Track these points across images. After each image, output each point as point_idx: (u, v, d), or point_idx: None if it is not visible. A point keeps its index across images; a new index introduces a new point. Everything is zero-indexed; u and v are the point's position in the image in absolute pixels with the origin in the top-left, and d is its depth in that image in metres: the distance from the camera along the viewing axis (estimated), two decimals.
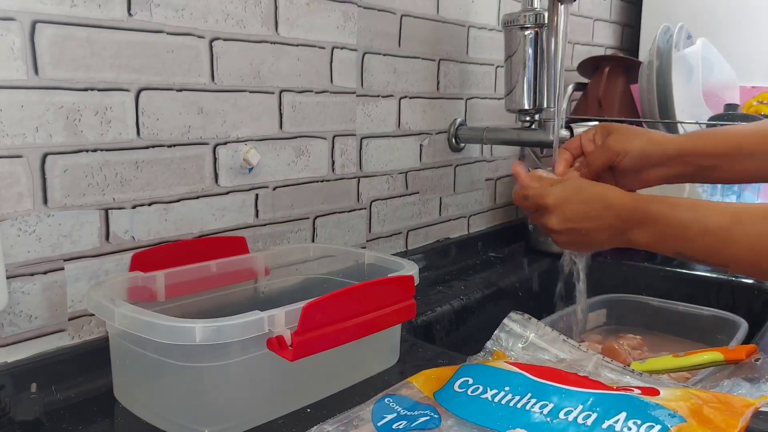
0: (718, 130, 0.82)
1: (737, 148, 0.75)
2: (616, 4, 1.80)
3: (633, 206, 0.68)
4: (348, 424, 0.56)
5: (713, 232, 0.65)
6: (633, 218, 0.68)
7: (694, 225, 0.65)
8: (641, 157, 0.76)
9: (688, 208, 0.66)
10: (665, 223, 0.67)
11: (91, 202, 0.69)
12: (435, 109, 1.15)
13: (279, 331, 0.58)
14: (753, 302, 1.11)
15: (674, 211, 0.66)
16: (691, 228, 0.66)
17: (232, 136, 0.82)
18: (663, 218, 0.67)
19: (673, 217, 0.66)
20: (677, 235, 0.66)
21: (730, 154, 0.75)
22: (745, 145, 0.75)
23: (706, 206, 0.67)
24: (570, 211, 0.70)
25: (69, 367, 0.67)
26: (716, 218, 0.65)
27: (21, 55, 0.63)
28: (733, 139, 0.76)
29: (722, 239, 0.64)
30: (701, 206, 0.67)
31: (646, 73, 1.34)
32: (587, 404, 0.53)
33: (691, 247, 0.66)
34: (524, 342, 0.70)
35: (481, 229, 1.33)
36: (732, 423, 0.50)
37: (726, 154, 0.75)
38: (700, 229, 0.65)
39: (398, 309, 0.67)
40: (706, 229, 0.65)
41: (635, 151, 0.76)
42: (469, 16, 1.20)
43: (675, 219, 0.66)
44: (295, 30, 0.88)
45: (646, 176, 0.78)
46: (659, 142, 0.76)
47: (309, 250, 0.86)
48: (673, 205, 0.67)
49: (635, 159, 0.76)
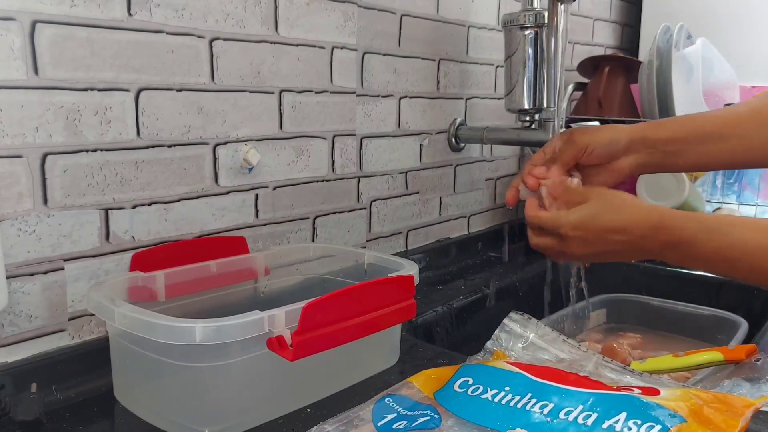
0: (682, 116, 0.82)
1: (701, 132, 0.75)
2: (616, 3, 1.80)
3: (659, 226, 0.66)
4: (348, 424, 0.56)
5: (753, 251, 0.62)
6: (662, 241, 0.66)
7: (733, 247, 0.63)
8: (609, 144, 0.75)
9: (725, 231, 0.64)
10: (700, 246, 0.64)
11: (91, 202, 0.69)
12: (435, 108, 1.15)
13: (279, 331, 0.58)
14: (753, 302, 1.11)
15: (709, 235, 0.64)
16: (731, 250, 0.63)
17: (232, 136, 0.82)
18: (697, 241, 0.64)
19: (709, 241, 0.64)
20: (714, 259, 0.64)
21: (693, 138, 0.75)
22: (708, 129, 0.75)
23: (743, 224, 0.65)
24: (591, 240, 0.68)
25: (69, 367, 0.67)
26: (755, 236, 0.63)
27: (21, 55, 0.63)
28: (696, 123, 0.76)
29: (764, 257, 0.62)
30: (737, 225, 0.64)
31: (646, 73, 1.34)
32: (587, 404, 0.53)
33: (730, 270, 0.65)
34: (524, 342, 0.70)
35: (481, 228, 1.33)
36: (732, 423, 0.50)
37: (689, 139, 0.75)
38: (739, 249, 0.63)
39: (398, 309, 0.67)
40: (745, 249, 0.63)
41: (603, 140, 0.75)
42: (469, 15, 1.20)
43: (711, 243, 0.64)
44: (295, 30, 0.88)
45: (617, 167, 0.76)
46: (624, 130, 0.76)
47: (309, 250, 0.86)
48: (708, 230, 0.64)
49: (603, 148, 0.75)
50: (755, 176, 1.41)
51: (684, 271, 1.20)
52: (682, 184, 1.27)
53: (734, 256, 0.63)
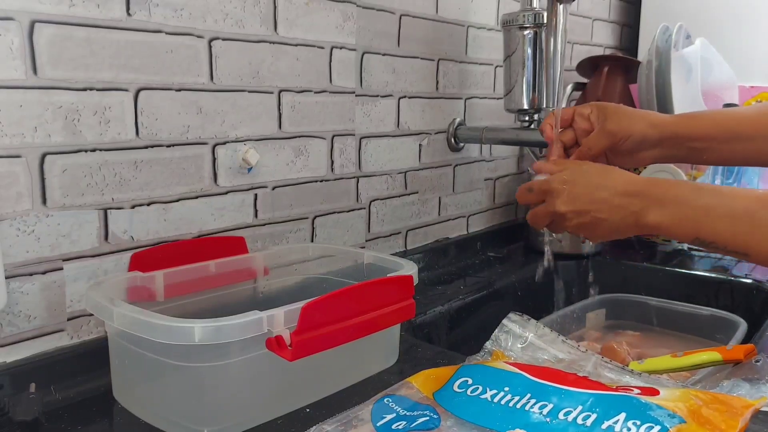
0: (712, 113, 0.81)
1: (731, 132, 0.75)
2: (615, 3, 1.80)
3: (646, 187, 0.66)
4: (347, 424, 0.56)
5: (739, 216, 0.62)
6: (647, 199, 0.66)
7: (718, 208, 0.63)
8: (641, 140, 0.76)
9: (713, 191, 0.65)
10: (687, 205, 0.64)
11: (90, 202, 0.69)
12: (434, 108, 1.15)
13: (278, 331, 0.58)
14: (752, 302, 1.11)
15: (698, 194, 0.64)
16: (715, 211, 0.63)
17: (231, 135, 0.82)
18: (685, 200, 0.64)
19: (697, 200, 0.64)
20: (699, 218, 0.64)
21: (723, 137, 0.75)
22: (738, 129, 0.75)
23: (730, 191, 0.65)
24: (577, 192, 0.68)
25: (68, 367, 0.67)
26: (743, 203, 0.62)
27: (20, 54, 0.63)
28: (727, 122, 0.76)
29: (748, 224, 0.62)
30: (725, 190, 0.65)
31: (645, 73, 1.34)
32: (587, 405, 0.53)
33: (713, 231, 0.63)
34: (523, 342, 0.70)
35: (480, 228, 1.33)
36: (731, 424, 0.50)
37: (719, 138, 0.76)
38: (725, 212, 0.62)
39: (397, 309, 0.67)
40: (731, 213, 0.62)
41: (636, 135, 0.75)
42: (468, 15, 1.20)
43: (698, 201, 0.64)
44: (294, 30, 0.88)
45: (641, 157, 0.78)
46: (657, 124, 0.76)
47: (308, 249, 0.86)
48: (696, 189, 0.65)
49: (634, 143, 0.76)
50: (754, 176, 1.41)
51: (684, 270, 1.20)
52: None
53: (717, 216, 0.63)
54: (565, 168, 0.72)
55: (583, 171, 0.70)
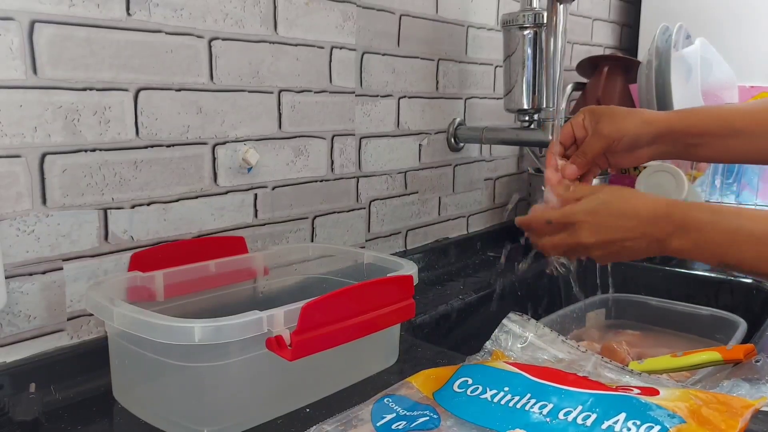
0: (708, 109, 0.81)
1: (726, 128, 0.75)
2: (615, 3, 1.80)
3: (668, 212, 0.65)
4: (347, 424, 0.56)
5: (762, 239, 0.61)
6: (670, 225, 0.65)
7: (741, 232, 0.62)
8: (635, 138, 0.76)
9: (733, 214, 0.64)
10: (709, 229, 0.63)
11: (90, 202, 0.69)
12: (434, 108, 1.15)
13: (278, 330, 0.58)
14: (752, 302, 1.11)
15: (718, 217, 0.64)
16: (738, 235, 0.62)
17: (231, 135, 0.82)
18: (706, 225, 0.64)
19: (718, 223, 0.63)
20: (722, 243, 0.63)
21: (719, 133, 0.75)
22: (734, 125, 0.75)
23: (750, 213, 0.64)
24: (601, 223, 0.68)
25: (68, 367, 0.67)
26: (763, 225, 0.62)
27: (20, 54, 0.62)
28: (723, 117, 0.76)
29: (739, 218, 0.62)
30: (744, 212, 0.64)
31: (645, 73, 1.34)
32: (587, 405, 0.53)
33: (738, 255, 0.63)
34: (523, 342, 0.70)
35: (480, 228, 1.33)
36: (731, 424, 0.50)
37: (715, 133, 0.75)
38: (747, 236, 0.62)
39: (397, 309, 0.67)
40: (754, 236, 0.62)
41: (630, 134, 0.75)
42: (468, 15, 1.20)
43: (720, 225, 0.63)
44: (294, 30, 0.88)
45: (638, 155, 0.78)
46: (650, 121, 0.76)
47: (308, 249, 0.86)
48: (716, 211, 0.64)
49: (629, 142, 0.76)
50: (754, 176, 1.41)
51: (683, 270, 1.20)
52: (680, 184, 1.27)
53: (741, 240, 0.62)
54: (582, 195, 0.70)
55: (604, 201, 0.68)
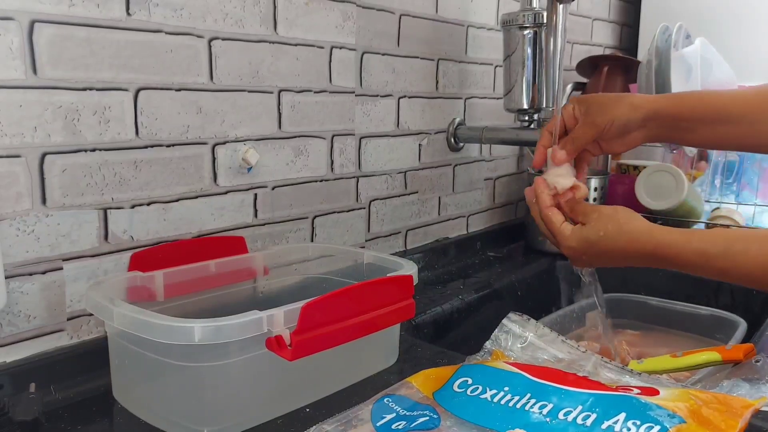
0: (698, 92, 0.82)
1: (717, 113, 0.75)
2: (615, 3, 1.80)
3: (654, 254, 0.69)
4: (347, 424, 0.56)
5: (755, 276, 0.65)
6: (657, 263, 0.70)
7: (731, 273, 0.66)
8: (626, 123, 0.77)
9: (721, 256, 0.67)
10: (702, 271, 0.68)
11: (90, 202, 0.69)
12: (434, 108, 1.15)
13: (278, 330, 0.58)
14: (751, 302, 1.11)
15: (707, 263, 0.67)
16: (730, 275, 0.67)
17: (231, 135, 0.82)
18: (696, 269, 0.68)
19: (708, 268, 0.67)
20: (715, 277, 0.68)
21: (708, 118, 0.76)
22: (724, 110, 0.75)
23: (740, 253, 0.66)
24: (586, 260, 0.74)
25: (68, 367, 0.67)
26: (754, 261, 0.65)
27: (19, 54, 0.62)
28: (715, 103, 0.76)
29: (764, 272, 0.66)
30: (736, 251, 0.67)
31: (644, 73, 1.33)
32: (587, 404, 0.53)
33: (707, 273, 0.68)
34: (523, 342, 0.70)
35: (480, 228, 1.33)
36: (731, 424, 0.50)
37: (704, 118, 0.76)
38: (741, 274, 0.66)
39: (397, 308, 0.67)
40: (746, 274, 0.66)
41: (619, 120, 0.76)
42: (468, 15, 1.20)
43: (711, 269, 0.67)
44: (294, 30, 0.88)
45: (629, 138, 0.79)
46: (638, 105, 0.77)
47: (308, 249, 0.86)
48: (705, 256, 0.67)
49: (619, 127, 0.77)
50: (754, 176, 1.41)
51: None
52: (680, 184, 1.28)
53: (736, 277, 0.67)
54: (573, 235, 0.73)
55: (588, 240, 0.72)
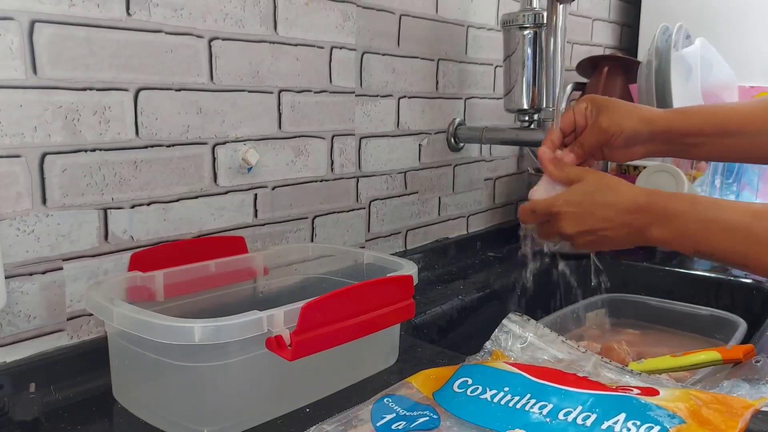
0: (705, 108, 0.82)
1: (723, 127, 0.76)
2: (615, 3, 1.80)
3: (648, 203, 0.68)
4: (347, 424, 0.56)
5: (735, 230, 0.64)
6: (650, 215, 0.68)
7: (716, 223, 0.65)
8: (633, 136, 0.77)
9: (710, 205, 0.66)
10: (686, 219, 0.66)
11: (90, 202, 0.69)
12: (434, 108, 1.15)
13: (278, 330, 0.58)
14: (752, 302, 1.11)
15: (695, 208, 0.66)
16: (713, 225, 0.65)
17: (231, 135, 0.82)
18: (683, 215, 0.66)
19: (694, 214, 0.66)
20: (698, 232, 0.65)
21: (715, 132, 0.76)
22: (730, 124, 0.76)
23: (727, 204, 0.66)
24: (581, 213, 0.71)
25: (68, 366, 0.67)
26: (738, 216, 0.64)
27: (19, 54, 0.62)
28: (720, 117, 0.77)
29: (743, 237, 0.64)
30: (722, 204, 0.66)
31: (644, 73, 1.34)
32: (587, 405, 0.53)
33: (711, 245, 0.65)
34: (523, 342, 0.70)
35: (480, 228, 1.33)
36: (731, 424, 0.50)
37: (711, 133, 0.76)
38: (722, 226, 0.64)
39: (397, 309, 0.67)
40: (727, 226, 0.64)
41: (628, 131, 0.77)
42: (468, 15, 1.20)
43: (696, 216, 0.66)
44: (294, 30, 0.88)
45: (634, 151, 0.79)
46: (649, 120, 0.77)
47: (308, 249, 0.86)
48: (694, 202, 0.67)
49: (626, 138, 0.77)
50: (754, 176, 1.41)
51: (683, 270, 1.20)
52: (680, 184, 1.27)
53: (714, 230, 0.65)
54: (571, 179, 0.73)
55: (585, 191, 0.71)
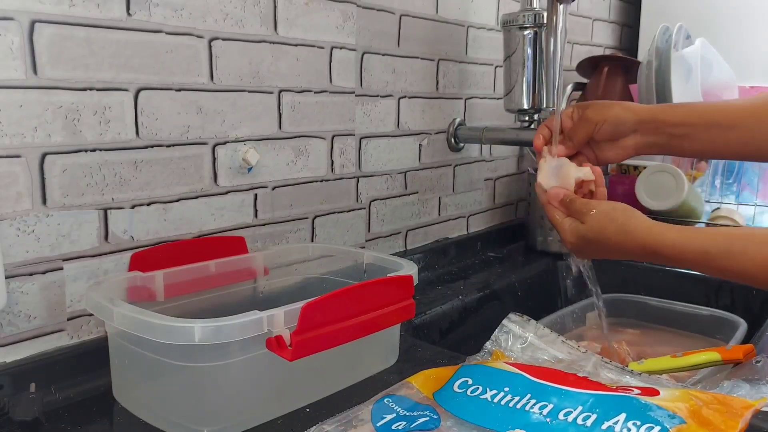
0: (693, 103, 0.84)
1: (710, 119, 0.77)
2: (615, 3, 1.80)
3: (655, 251, 0.70)
4: (347, 424, 0.56)
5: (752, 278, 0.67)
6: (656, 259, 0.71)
7: (729, 272, 0.67)
8: (617, 123, 0.78)
9: (723, 255, 0.68)
10: (698, 266, 0.69)
11: (90, 202, 0.69)
12: (434, 108, 1.15)
13: (278, 330, 0.58)
14: (752, 302, 1.11)
15: (708, 260, 0.68)
16: (728, 274, 0.68)
17: (231, 135, 0.82)
18: (695, 265, 0.69)
19: (707, 265, 0.68)
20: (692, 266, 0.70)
21: (702, 124, 0.77)
22: (718, 117, 0.77)
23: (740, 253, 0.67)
24: (587, 251, 0.75)
25: (68, 367, 0.67)
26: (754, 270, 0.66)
27: (20, 54, 0.62)
28: (707, 110, 0.78)
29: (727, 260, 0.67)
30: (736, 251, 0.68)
31: (645, 73, 1.34)
32: (587, 405, 0.53)
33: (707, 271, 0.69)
34: (523, 342, 0.70)
35: (480, 228, 1.33)
36: (731, 424, 0.50)
37: (698, 124, 0.77)
38: (737, 273, 0.67)
39: (397, 309, 0.67)
40: (742, 275, 0.67)
41: (611, 118, 0.78)
42: (468, 15, 1.20)
43: (709, 267, 0.68)
44: (294, 30, 0.88)
45: (623, 144, 0.79)
46: (633, 109, 0.79)
47: (308, 249, 0.86)
48: (705, 253, 0.68)
49: (611, 126, 0.78)
50: (754, 176, 1.41)
51: (683, 270, 1.20)
52: (681, 185, 1.28)
53: (732, 274, 0.68)
54: (576, 228, 0.74)
55: (590, 241, 0.73)
